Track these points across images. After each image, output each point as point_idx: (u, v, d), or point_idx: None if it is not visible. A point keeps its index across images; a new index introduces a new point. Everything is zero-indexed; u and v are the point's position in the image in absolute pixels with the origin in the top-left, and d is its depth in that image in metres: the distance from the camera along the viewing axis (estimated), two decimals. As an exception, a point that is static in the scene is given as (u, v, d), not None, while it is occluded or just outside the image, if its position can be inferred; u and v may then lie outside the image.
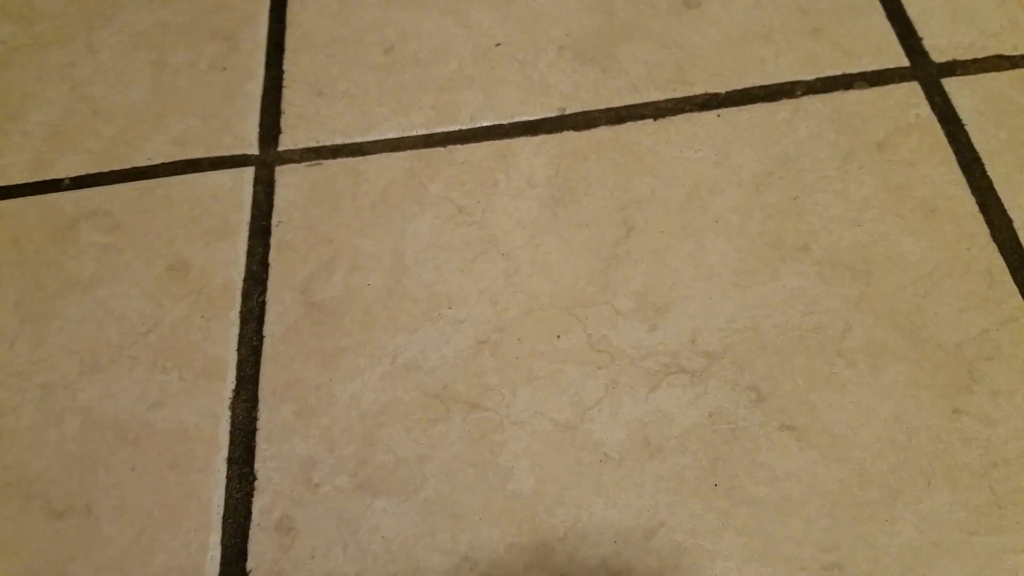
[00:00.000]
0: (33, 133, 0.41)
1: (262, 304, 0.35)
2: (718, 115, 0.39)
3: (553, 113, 0.39)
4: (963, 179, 0.36)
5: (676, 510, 0.30)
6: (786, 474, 0.30)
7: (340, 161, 0.39)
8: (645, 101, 0.39)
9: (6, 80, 0.43)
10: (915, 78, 0.39)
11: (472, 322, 0.34)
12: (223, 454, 0.32)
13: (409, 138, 0.39)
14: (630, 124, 0.39)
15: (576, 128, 0.39)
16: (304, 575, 0.29)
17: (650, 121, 0.39)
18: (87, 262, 0.37)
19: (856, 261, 0.35)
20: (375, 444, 0.32)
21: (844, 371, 0.32)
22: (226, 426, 0.32)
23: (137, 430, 0.32)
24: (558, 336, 0.33)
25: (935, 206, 0.36)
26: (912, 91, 0.39)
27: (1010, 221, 0.35)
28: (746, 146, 0.38)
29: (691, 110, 0.39)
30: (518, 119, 0.39)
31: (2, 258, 0.37)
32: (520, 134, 0.39)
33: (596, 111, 0.39)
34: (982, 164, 0.37)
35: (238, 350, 0.34)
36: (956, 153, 0.37)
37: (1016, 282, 0.33)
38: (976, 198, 0.36)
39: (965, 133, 0.37)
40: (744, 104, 0.39)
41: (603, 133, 0.39)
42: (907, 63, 0.40)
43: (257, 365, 0.33)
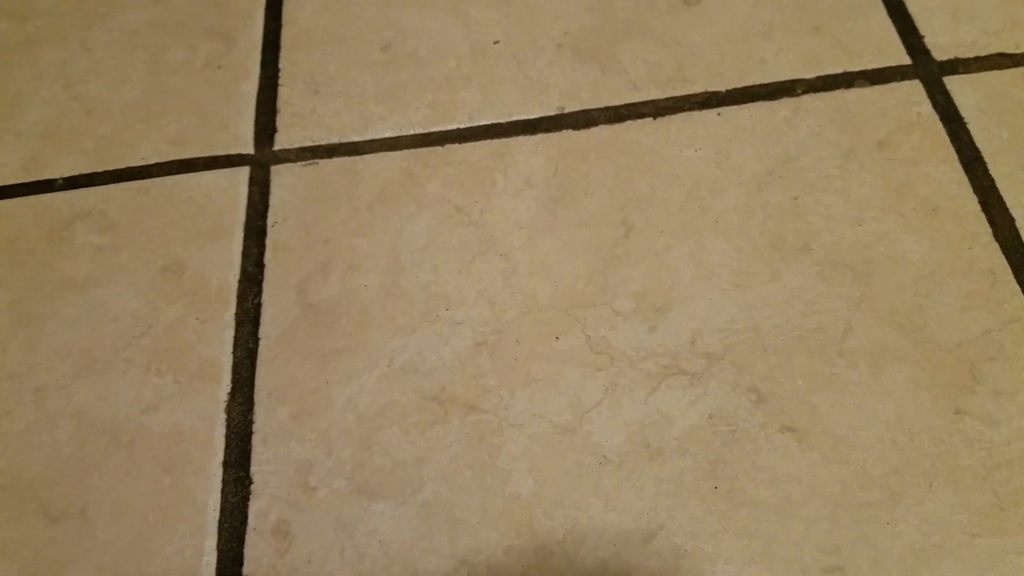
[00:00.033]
0: (27, 132, 0.41)
1: (258, 306, 0.35)
2: (718, 114, 0.39)
3: (552, 112, 0.39)
4: (965, 178, 0.36)
5: (676, 512, 0.29)
6: (787, 476, 0.30)
7: (336, 160, 0.39)
8: (645, 100, 0.39)
9: (-1, 79, 0.43)
10: (917, 76, 0.39)
11: (470, 323, 0.34)
12: (219, 457, 0.32)
13: (406, 137, 0.39)
14: (629, 123, 0.39)
15: (575, 127, 0.39)
16: (301, 579, 0.29)
17: (650, 120, 0.39)
18: (81, 263, 0.37)
19: (857, 261, 0.34)
20: (372, 447, 0.31)
21: (845, 372, 0.32)
22: (221, 429, 0.32)
23: (132, 433, 0.32)
24: (557, 337, 0.33)
25: (937, 205, 0.35)
26: (914, 89, 0.39)
27: (1012, 220, 0.35)
28: (746, 145, 0.38)
29: (691, 109, 0.39)
30: (516, 118, 0.39)
31: (-5, 259, 0.37)
32: (518, 133, 0.39)
33: (595, 110, 0.39)
34: (984, 163, 0.36)
35: (233, 352, 0.34)
36: (958, 152, 0.37)
37: (1018, 282, 0.33)
38: (978, 197, 0.35)
39: (967, 132, 0.37)
40: (744, 103, 0.39)
41: (602, 132, 0.39)
42: (909, 61, 0.39)
43: (253, 367, 0.33)
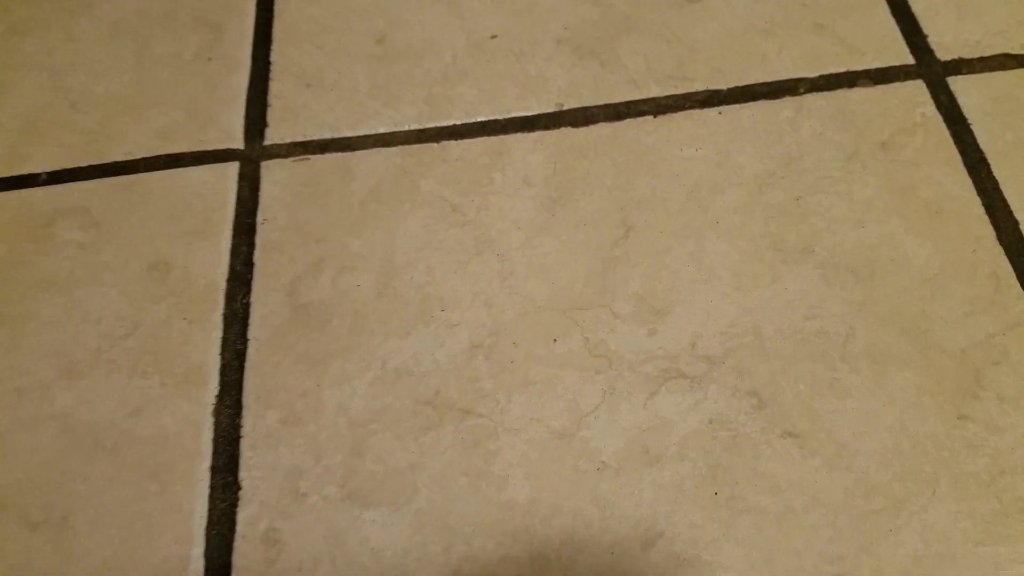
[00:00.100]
0: (8, 125, 0.40)
1: (246, 306, 0.34)
2: (719, 112, 0.38)
3: (550, 109, 0.39)
4: (969, 180, 0.36)
5: (675, 520, 0.29)
6: (788, 483, 0.30)
7: (329, 156, 0.38)
8: (645, 97, 0.39)
9: (-21, 69, 0.42)
10: (920, 76, 0.39)
11: (466, 325, 0.33)
12: (206, 463, 0.31)
13: (401, 133, 0.38)
14: (629, 121, 0.38)
15: (574, 124, 0.38)
16: (290, 589, 0.29)
17: (650, 118, 0.38)
18: (64, 261, 0.36)
19: (860, 264, 0.34)
20: (364, 453, 0.31)
21: (847, 377, 0.31)
22: (209, 434, 0.31)
23: (116, 438, 0.32)
24: (555, 340, 0.33)
25: (940, 207, 0.35)
26: (917, 89, 0.38)
27: (1016, 223, 0.34)
28: (748, 145, 0.37)
29: (692, 107, 0.38)
30: (514, 114, 0.39)
31: (-26, 256, 0.36)
32: (516, 130, 0.38)
33: (594, 107, 0.39)
34: (988, 165, 0.36)
35: (221, 354, 0.33)
36: (962, 153, 0.36)
37: (1023, 285, 0.33)
38: (982, 199, 0.35)
39: (971, 133, 0.37)
40: (746, 101, 0.38)
41: (601, 130, 0.38)
42: (912, 61, 0.39)
43: (241, 370, 0.33)
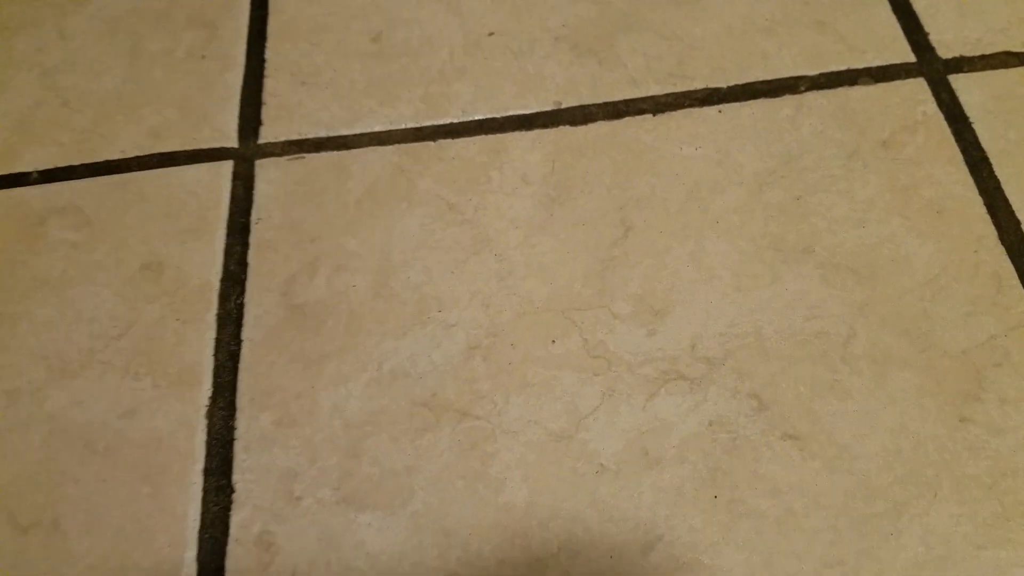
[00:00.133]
0: (-1, 123, 0.39)
1: (240, 306, 0.34)
2: (719, 111, 0.38)
3: (548, 107, 0.38)
4: (970, 179, 0.35)
5: (675, 523, 0.29)
6: (788, 486, 0.29)
7: (324, 155, 0.38)
8: (644, 95, 0.38)
9: (-30, 66, 0.41)
10: (921, 74, 0.38)
11: (463, 326, 0.33)
12: (199, 465, 0.31)
13: (397, 131, 0.38)
14: (628, 119, 0.38)
15: (572, 123, 0.38)
16: (285, 594, 0.28)
17: (649, 116, 0.38)
18: (56, 261, 0.35)
19: (860, 264, 0.34)
20: (360, 455, 0.30)
21: (848, 378, 0.31)
22: (202, 436, 0.31)
23: (108, 440, 0.31)
24: (553, 341, 0.32)
25: (942, 207, 0.35)
26: (918, 88, 0.38)
27: (1019, 223, 0.34)
28: (748, 143, 0.37)
29: (691, 105, 0.38)
30: (512, 113, 0.38)
31: (-35, 256, 0.36)
32: (514, 128, 0.38)
33: (593, 105, 0.38)
34: (990, 164, 0.36)
35: (215, 355, 0.33)
36: (963, 152, 0.36)
37: (1025, 286, 0.33)
38: (984, 199, 0.35)
39: (972, 132, 0.37)
40: (746, 99, 0.38)
41: (600, 128, 0.38)
42: (913, 59, 0.39)
43: (235, 371, 0.32)
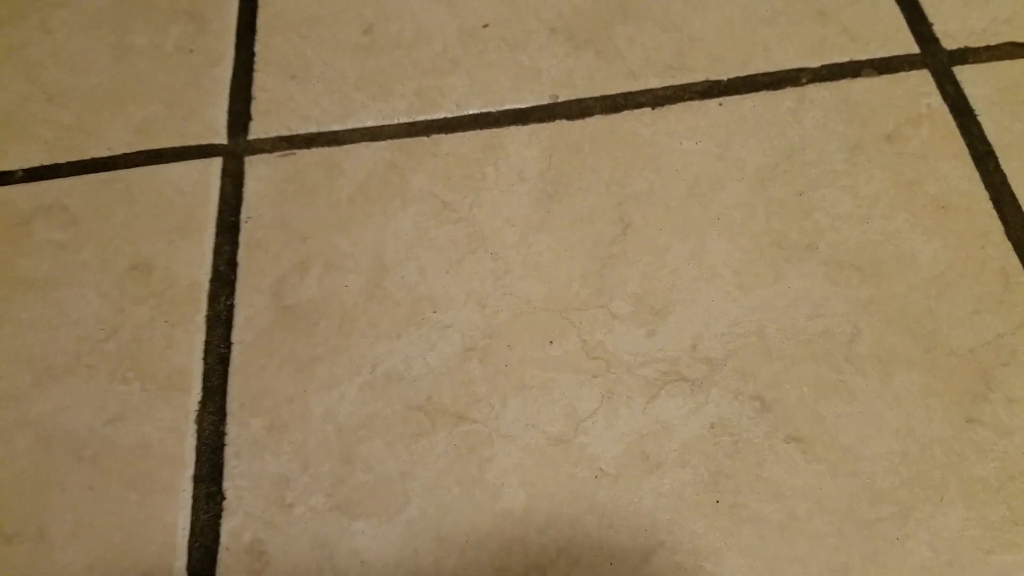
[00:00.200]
0: (-19, 120, 0.39)
1: (230, 308, 0.33)
2: (720, 103, 0.37)
3: (545, 100, 0.38)
4: (976, 173, 0.35)
5: (676, 529, 0.28)
6: (792, 490, 0.29)
7: (315, 151, 0.37)
8: (643, 88, 0.37)
9: (-49, 62, 0.40)
10: (925, 66, 0.37)
11: (459, 327, 0.32)
12: (189, 472, 0.30)
13: (390, 126, 0.37)
14: (627, 113, 0.37)
15: (569, 117, 0.37)
16: (277, 603, 0.28)
17: (648, 110, 0.37)
18: (41, 261, 0.35)
19: (865, 261, 0.33)
20: (353, 461, 0.30)
21: (853, 379, 0.30)
22: (192, 441, 0.31)
23: (95, 446, 0.31)
24: (551, 342, 0.32)
25: (947, 202, 0.34)
26: (922, 79, 0.37)
27: (1026, 218, 0.33)
28: (749, 137, 0.36)
29: (691, 98, 0.37)
30: (507, 107, 0.38)
31: (-54, 257, 0.35)
32: (510, 123, 0.37)
33: (591, 99, 0.37)
34: (996, 157, 0.35)
35: (204, 358, 0.32)
36: (969, 146, 0.35)
37: (1032, 283, 0.32)
38: (990, 193, 0.34)
39: (978, 124, 0.36)
40: (747, 92, 0.37)
41: (598, 122, 0.37)
42: (917, 50, 0.38)
43: (225, 375, 0.32)
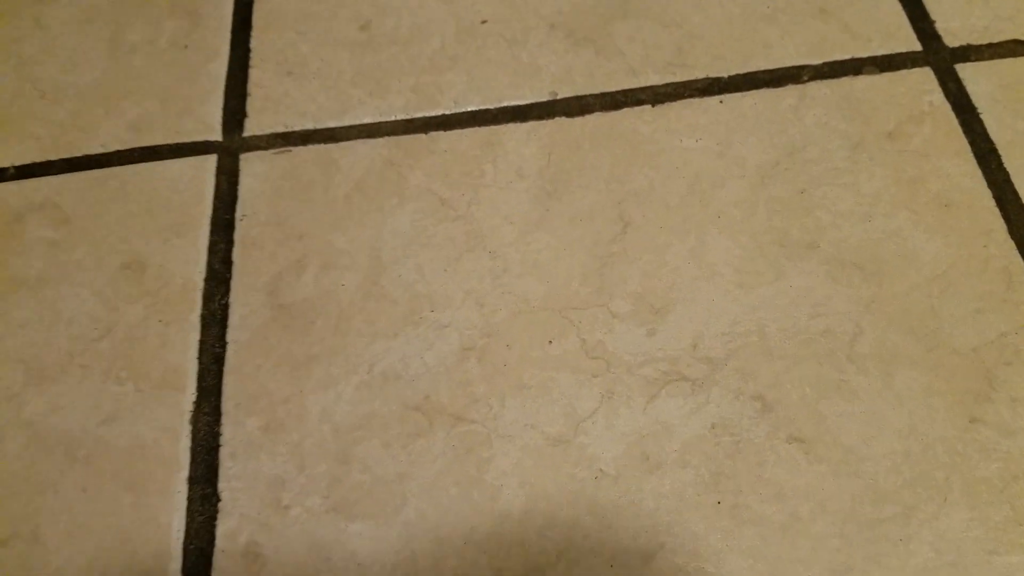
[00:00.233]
0: (-28, 116, 0.38)
1: (225, 307, 0.33)
2: (720, 101, 0.37)
3: (544, 97, 0.37)
4: (979, 171, 0.34)
5: (677, 530, 0.28)
6: (794, 490, 0.28)
7: (311, 148, 0.37)
8: (643, 85, 0.37)
9: (-58, 57, 0.40)
10: (927, 63, 0.37)
11: (457, 326, 0.32)
12: (183, 473, 0.30)
13: (387, 123, 0.37)
14: (627, 110, 0.37)
15: (568, 114, 0.37)
16: (273, 606, 0.27)
17: (648, 107, 0.37)
18: (33, 260, 0.34)
19: (867, 260, 0.33)
20: (350, 462, 0.30)
21: (855, 378, 0.30)
22: (186, 442, 0.30)
23: (89, 447, 0.30)
24: (550, 341, 0.31)
25: (950, 200, 0.34)
26: (925, 77, 0.37)
27: (1029, 217, 0.33)
28: (750, 135, 0.36)
29: (692, 95, 0.37)
30: (506, 104, 0.37)
31: (-63, 255, 0.35)
32: (508, 120, 0.37)
33: (590, 96, 0.37)
34: (998, 155, 0.35)
35: (199, 358, 0.32)
36: (971, 144, 0.35)
37: (1035, 282, 0.32)
38: (993, 192, 0.34)
39: (980, 122, 0.36)
40: (748, 89, 0.37)
41: (598, 120, 0.36)
42: (919, 47, 0.38)
43: (220, 375, 0.31)
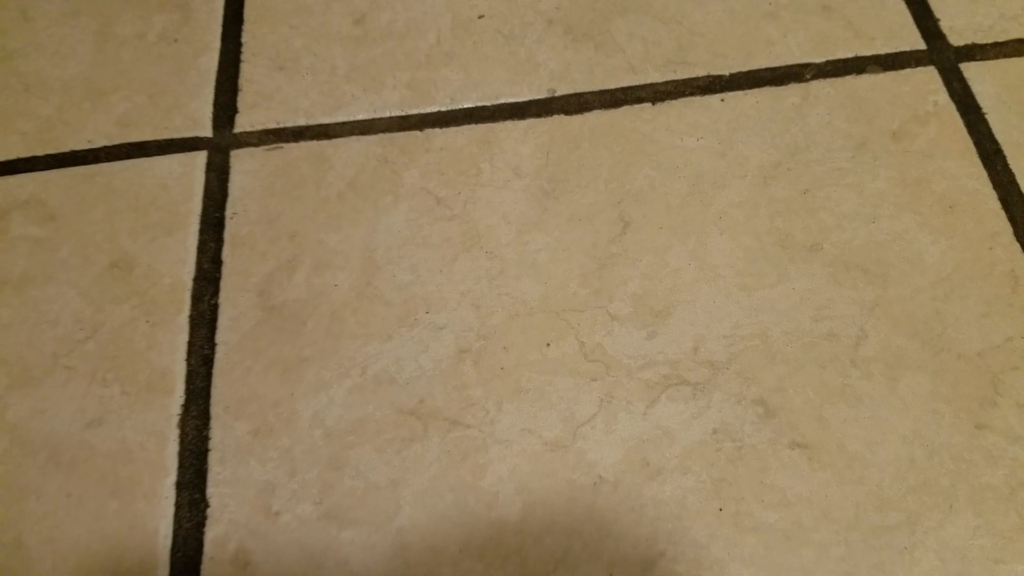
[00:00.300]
0: (-44, 111, 0.37)
1: (214, 307, 0.32)
2: (722, 99, 0.36)
3: (542, 95, 0.37)
4: (984, 173, 0.34)
5: (677, 538, 0.27)
6: (797, 497, 0.28)
7: (304, 145, 0.36)
8: (643, 83, 0.36)
9: (-75, 50, 0.39)
10: (932, 62, 0.37)
11: (452, 328, 0.31)
12: (171, 478, 0.29)
13: (381, 120, 0.36)
14: (626, 108, 0.36)
15: (567, 112, 0.36)
16: (262, 616, 0.27)
17: (648, 105, 0.36)
18: (18, 258, 0.34)
19: (871, 262, 0.32)
20: (342, 467, 0.29)
21: (859, 383, 0.30)
22: (174, 447, 0.30)
23: (73, 451, 0.30)
24: (548, 344, 0.31)
25: (955, 202, 0.33)
26: (929, 76, 0.36)
27: (1035, 219, 0.33)
28: (752, 134, 0.35)
29: (693, 93, 0.36)
30: (503, 101, 0.37)
31: (-82, 253, 0.34)
32: (505, 118, 0.36)
33: (589, 93, 0.36)
34: (1004, 156, 0.34)
35: (187, 360, 0.31)
36: (976, 144, 0.35)
37: (1042, 285, 0.31)
38: (998, 193, 0.33)
39: (985, 123, 0.35)
40: (750, 88, 0.36)
41: (597, 118, 0.36)
42: (923, 46, 0.37)
43: (209, 377, 0.31)
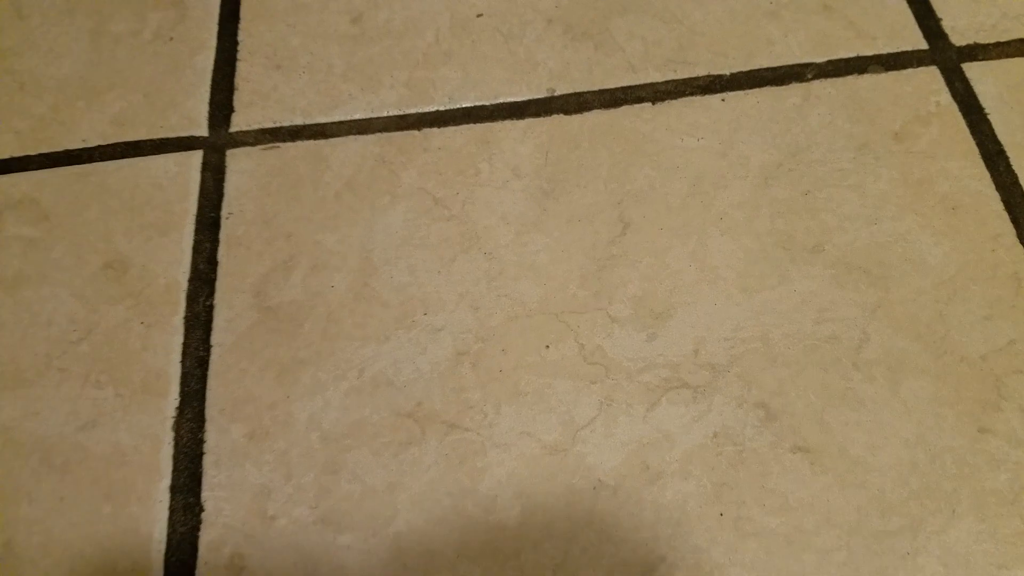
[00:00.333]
0: (-52, 109, 0.37)
1: (209, 308, 0.32)
2: (722, 99, 0.36)
3: (541, 94, 0.36)
4: (987, 174, 0.34)
5: (677, 543, 0.27)
6: (798, 502, 0.28)
7: (300, 144, 0.36)
8: (643, 82, 0.36)
9: (-83, 47, 0.39)
10: (934, 62, 0.36)
11: (450, 330, 0.31)
12: (165, 482, 0.29)
13: (379, 119, 0.36)
14: (626, 108, 0.36)
15: (566, 111, 0.36)
16: (257, 622, 0.26)
17: (648, 105, 0.36)
18: (11, 259, 0.34)
19: (873, 264, 0.32)
20: (339, 471, 0.29)
21: (861, 386, 0.29)
22: (169, 449, 0.29)
23: (66, 454, 0.29)
24: (547, 346, 0.30)
25: (957, 203, 0.33)
26: (931, 76, 0.36)
27: (1038, 220, 0.32)
28: (753, 134, 0.35)
29: (693, 93, 0.36)
30: (502, 100, 0.36)
31: (-90, 253, 0.34)
32: (504, 117, 0.36)
33: (589, 93, 0.36)
34: (1007, 157, 0.34)
35: (182, 362, 0.31)
36: (979, 145, 0.34)
37: (1045, 288, 0.31)
38: (1001, 195, 0.33)
39: (988, 123, 0.35)
40: (750, 88, 0.36)
41: (596, 117, 0.36)
42: (925, 46, 0.37)
43: (204, 379, 0.31)
